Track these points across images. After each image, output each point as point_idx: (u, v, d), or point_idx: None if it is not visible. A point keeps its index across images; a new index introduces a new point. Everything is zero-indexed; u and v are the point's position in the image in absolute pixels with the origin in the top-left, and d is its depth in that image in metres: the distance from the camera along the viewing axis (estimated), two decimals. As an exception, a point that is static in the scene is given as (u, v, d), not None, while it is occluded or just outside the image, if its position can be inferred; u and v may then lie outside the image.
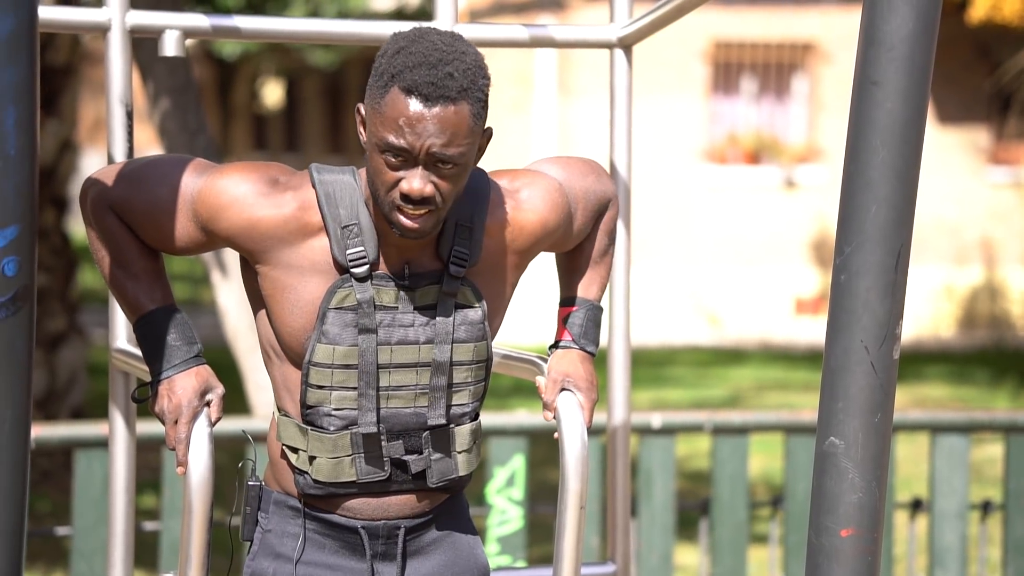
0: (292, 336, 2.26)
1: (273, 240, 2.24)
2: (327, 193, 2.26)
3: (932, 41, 2.03)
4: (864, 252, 2.06)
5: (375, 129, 2.18)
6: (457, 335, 2.30)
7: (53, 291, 7.65)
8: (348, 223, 2.25)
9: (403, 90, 2.15)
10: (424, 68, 2.15)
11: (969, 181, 15.28)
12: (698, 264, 14.95)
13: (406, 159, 2.17)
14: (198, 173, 2.29)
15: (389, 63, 2.18)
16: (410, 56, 2.17)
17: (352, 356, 2.25)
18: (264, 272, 2.27)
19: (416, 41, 2.19)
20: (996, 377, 12.60)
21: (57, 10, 2.70)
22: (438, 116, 2.14)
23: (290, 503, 2.34)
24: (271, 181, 2.26)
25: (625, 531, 3.02)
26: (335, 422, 2.28)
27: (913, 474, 7.27)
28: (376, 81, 2.19)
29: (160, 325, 2.27)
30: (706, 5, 15.17)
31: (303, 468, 2.30)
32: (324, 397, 2.27)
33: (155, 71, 4.77)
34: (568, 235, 2.44)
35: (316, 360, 2.25)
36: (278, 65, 21.39)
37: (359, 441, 2.28)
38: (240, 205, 2.24)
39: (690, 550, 6.00)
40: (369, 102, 2.20)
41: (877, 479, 2.05)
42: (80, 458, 4.15)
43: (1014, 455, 4.51)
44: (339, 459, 2.29)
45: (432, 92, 2.15)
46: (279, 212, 2.24)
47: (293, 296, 2.25)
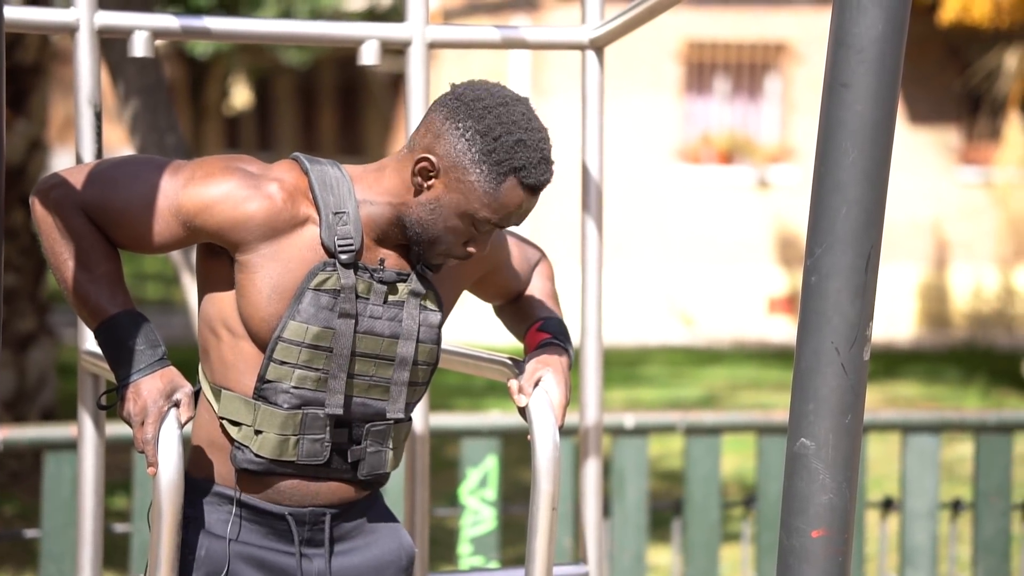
0: (264, 318, 2.28)
1: (264, 230, 2.27)
2: (321, 180, 2.31)
3: (901, 43, 2.04)
4: (834, 254, 2.07)
5: (476, 204, 2.26)
6: (420, 335, 2.37)
7: (23, 291, 7.61)
8: (339, 210, 2.29)
9: (526, 187, 2.27)
10: (543, 165, 2.28)
11: (940, 181, 15.35)
12: (672, 263, 14.98)
13: (489, 231, 2.32)
14: (175, 169, 2.30)
15: (511, 153, 2.25)
16: (530, 151, 2.26)
17: (324, 337, 2.29)
18: (245, 260, 2.28)
19: (528, 131, 2.27)
20: (967, 376, 12.66)
21: (25, 10, 2.68)
22: (538, 199, 2.29)
23: (215, 489, 2.36)
24: (249, 173, 2.29)
25: (597, 532, 3.02)
26: (291, 400, 2.31)
27: (885, 473, 7.29)
28: (490, 165, 2.25)
29: (123, 330, 2.26)
30: (679, 6, 15.18)
31: (245, 442, 2.32)
32: (285, 374, 2.29)
33: (125, 71, 4.75)
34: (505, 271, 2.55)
35: (286, 336, 2.28)
36: (250, 64, 21.32)
37: (308, 422, 2.32)
38: (231, 200, 2.26)
39: (663, 550, 6.01)
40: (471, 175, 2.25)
41: (848, 480, 2.06)
42: (49, 460, 4.12)
43: (984, 454, 4.53)
44: (286, 437, 2.31)
45: (543, 185, 2.29)
46: (272, 203, 2.27)
47: (274, 281, 2.28)
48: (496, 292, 2.59)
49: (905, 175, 15.18)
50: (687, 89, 15.19)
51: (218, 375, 2.35)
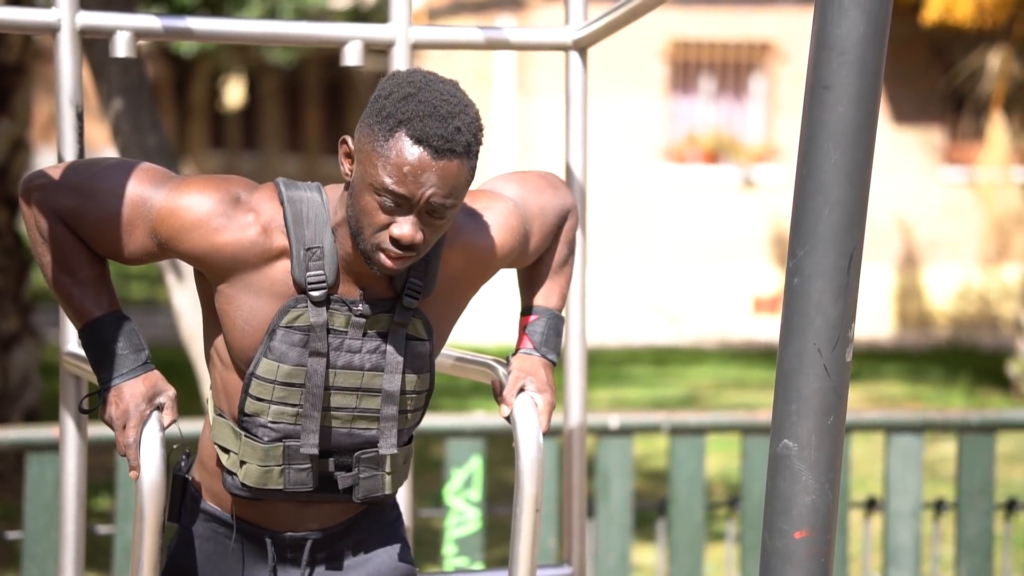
0: (241, 350, 2.27)
1: (234, 262, 2.23)
2: (295, 212, 2.24)
3: (883, 45, 2.04)
4: (817, 255, 2.07)
5: (373, 170, 2.16)
6: (406, 366, 2.32)
7: (6, 292, 7.58)
8: (312, 245, 2.24)
9: (412, 138, 2.15)
10: (435, 120, 2.15)
11: (923, 180, 15.38)
12: (657, 263, 14.99)
13: (400, 206, 2.17)
14: (154, 186, 2.24)
15: (396, 107, 2.16)
16: (420, 104, 2.16)
17: (296, 375, 2.26)
18: (220, 289, 2.26)
19: (423, 89, 2.18)
20: (951, 376, 12.69)
21: (6, 10, 2.67)
22: (443, 169, 2.15)
23: (210, 510, 2.38)
24: (233, 200, 2.24)
25: (581, 533, 3.02)
26: (270, 433, 2.29)
27: (868, 473, 7.31)
28: (379, 122, 2.17)
29: (107, 332, 2.24)
30: (664, 5, 15.20)
31: (233, 470, 2.32)
32: (262, 409, 2.28)
33: (108, 71, 4.73)
34: (524, 254, 2.45)
35: (259, 373, 2.25)
36: (236, 63, 21.30)
37: (291, 453, 2.30)
38: (203, 228, 2.21)
39: (648, 550, 6.01)
40: (367, 141, 2.18)
41: (830, 481, 2.06)
42: (32, 461, 4.11)
43: (966, 454, 4.54)
44: (269, 468, 2.30)
45: (442, 145, 2.15)
46: (243, 235, 2.22)
47: (246, 314, 2.25)
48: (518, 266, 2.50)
49: (889, 175, 15.21)
50: (672, 88, 15.21)
51: (215, 397, 2.35)
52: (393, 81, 2.21)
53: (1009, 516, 4.67)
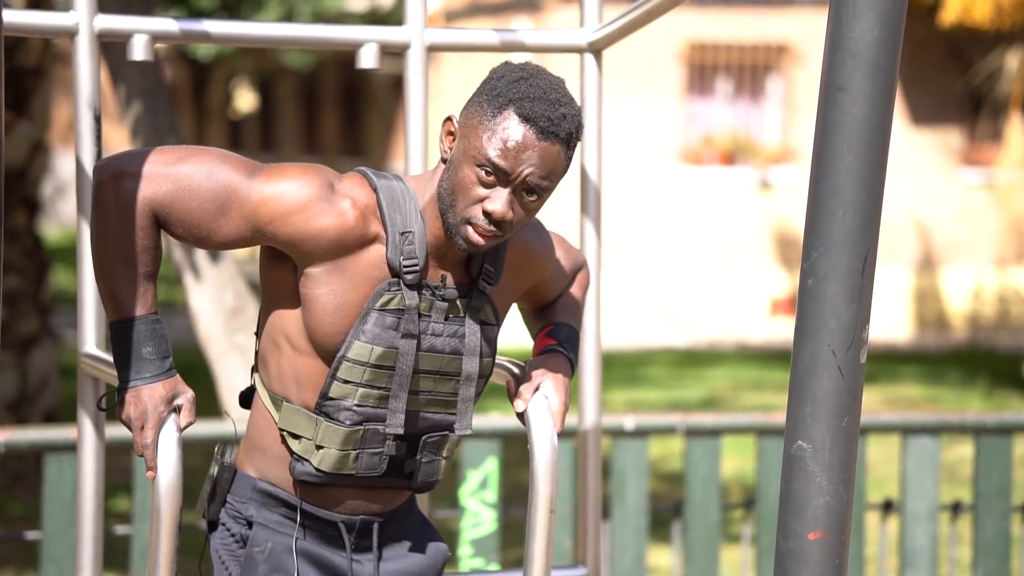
0: (327, 335, 2.29)
1: (333, 246, 2.27)
2: (390, 199, 2.31)
3: (897, 47, 2.04)
4: (831, 257, 2.07)
5: (477, 143, 2.25)
6: (482, 350, 2.39)
7: (25, 293, 7.62)
8: (405, 229, 2.30)
9: (520, 116, 2.25)
10: (544, 103, 2.26)
11: (941, 182, 15.35)
12: (674, 265, 14.98)
13: (498, 180, 2.25)
14: (248, 173, 2.27)
15: (508, 88, 2.27)
16: (531, 87, 2.27)
17: (388, 357, 2.31)
18: (310, 273, 2.29)
19: (535, 76, 2.30)
20: (969, 377, 12.66)
21: (24, 14, 2.69)
22: (545, 149, 2.25)
23: (274, 492, 2.38)
24: (328, 186, 2.29)
25: (596, 534, 3.03)
26: (353, 417, 2.32)
27: (886, 475, 7.30)
28: (489, 100, 2.27)
29: (139, 334, 2.25)
30: (680, 7, 15.20)
31: (305, 456, 2.34)
32: (349, 392, 2.31)
33: (126, 74, 4.76)
34: (551, 283, 2.56)
35: (351, 356, 2.29)
36: (253, 66, 21.35)
37: (369, 437, 2.34)
38: (305, 213, 2.25)
39: (664, 551, 6.01)
40: (474, 116, 2.27)
41: (844, 482, 2.06)
42: (50, 462, 4.13)
43: (983, 456, 4.53)
44: (347, 452, 2.34)
45: (547, 126, 2.25)
46: (343, 220, 2.27)
47: (338, 298, 2.29)
48: (535, 301, 2.59)
49: (906, 177, 15.18)
50: (689, 90, 15.20)
51: (277, 385, 2.36)
52: (506, 67, 2.31)
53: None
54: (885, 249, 15.35)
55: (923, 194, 15.25)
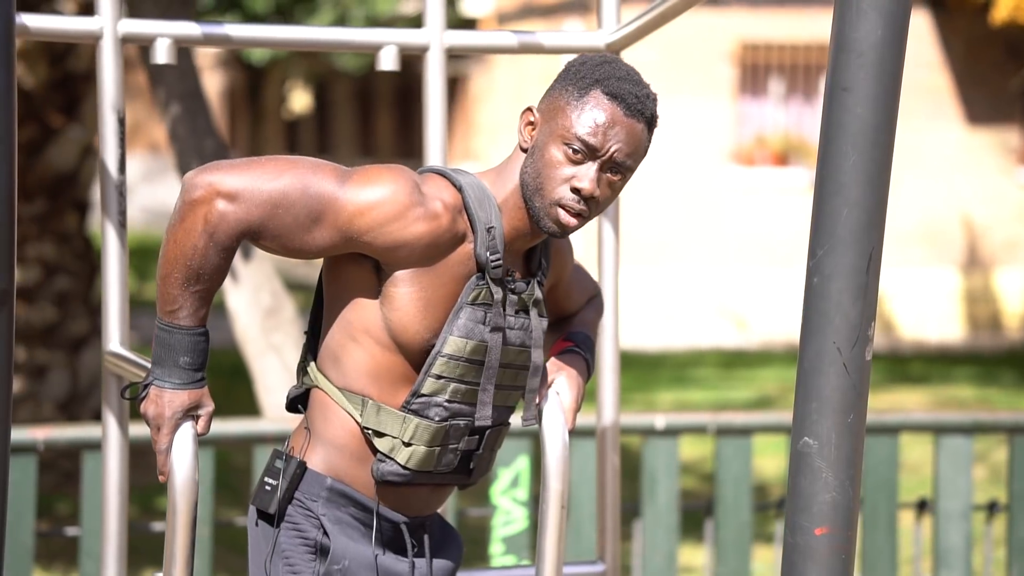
0: (416, 331, 2.31)
1: (429, 249, 2.30)
2: (476, 197, 2.35)
3: (902, 47, 2.06)
4: (836, 255, 2.10)
5: (564, 122, 2.30)
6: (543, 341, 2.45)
7: (76, 294, 7.74)
8: (490, 225, 2.34)
9: (608, 94, 2.31)
10: (629, 82, 2.33)
11: (999, 182, 15.21)
12: (726, 265, 14.94)
13: (587, 156, 2.30)
14: (338, 182, 2.26)
15: (593, 70, 2.33)
16: (614, 68, 2.34)
17: (479, 351, 2.34)
18: (401, 275, 2.30)
19: (615, 61, 2.37)
20: (1023, 379, 12.55)
21: (50, 19, 2.75)
22: (631, 127, 2.31)
23: (349, 493, 2.38)
24: (418, 190, 2.30)
25: (615, 531, 3.06)
26: (442, 413, 2.35)
27: (929, 476, 7.25)
28: (574, 82, 2.32)
29: (182, 343, 2.26)
30: (732, 7, 15.17)
31: (392, 454, 2.35)
32: (442, 388, 2.34)
33: (165, 77, 4.83)
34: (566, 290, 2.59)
35: (446, 351, 2.32)
36: (307, 70, 21.50)
37: (453, 433, 2.37)
38: (403, 220, 2.27)
39: (698, 551, 6.02)
40: (559, 99, 2.33)
41: (851, 478, 2.08)
42: (88, 460, 4.21)
43: (1018, 456, 4.51)
44: (433, 449, 2.37)
45: (634, 103, 2.32)
46: (438, 224, 2.30)
47: (427, 295, 2.31)
48: (552, 310, 2.61)
49: (963, 176, 15.06)
50: (741, 91, 15.16)
51: (356, 382, 2.36)
52: (587, 57, 2.38)
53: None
54: (941, 249, 15.23)
55: (980, 194, 15.12)
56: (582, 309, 2.65)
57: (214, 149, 4.83)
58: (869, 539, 4.52)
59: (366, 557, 2.37)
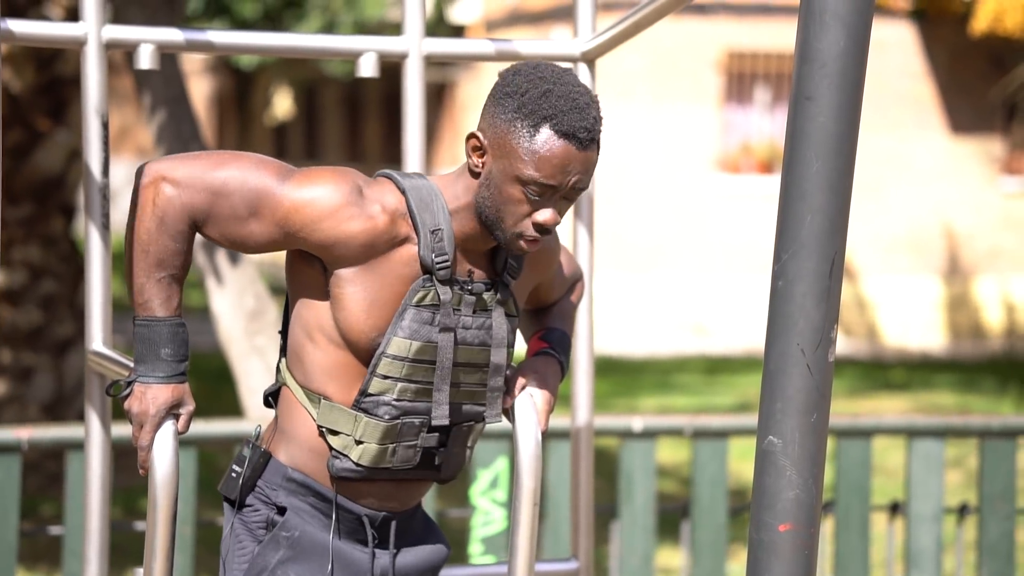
0: (364, 332, 2.37)
1: (365, 249, 2.35)
2: (418, 199, 2.39)
3: (863, 58, 2.12)
4: (800, 259, 2.13)
5: (518, 164, 2.31)
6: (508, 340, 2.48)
7: (62, 297, 7.78)
8: (435, 228, 2.38)
9: (559, 133, 2.30)
10: (576, 113, 2.31)
11: (983, 190, 15.31)
12: (711, 272, 15.01)
13: (546, 195, 2.33)
14: (280, 179, 2.34)
15: (538, 104, 2.30)
16: (560, 99, 2.31)
17: (425, 352, 2.39)
18: (343, 274, 2.36)
19: (557, 83, 2.33)
20: (1003, 386, 12.63)
21: (35, 24, 2.79)
22: (586, 158, 2.32)
23: (308, 483, 2.44)
24: (358, 191, 2.36)
25: (588, 529, 3.12)
26: (392, 411, 2.40)
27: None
28: (521, 118, 2.31)
29: (161, 334, 2.33)
30: (719, 16, 15.24)
31: (344, 451, 2.41)
32: (388, 387, 2.39)
33: (151, 82, 4.88)
34: (551, 285, 2.64)
35: (390, 352, 2.37)
36: (294, 75, 21.53)
37: (405, 430, 2.42)
38: (335, 219, 2.33)
39: (674, 552, 6.09)
40: (509, 136, 2.32)
41: (814, 476, 2.12)
42: (72, 459, 4.25)
43: (988, 459, 4.58)
44: (385, 446, 2.42)
45: (586, 137, 2.31)
46: (374, 224, 2.35)
47: (372, 296, 2.36)
48: (536, 300, 2.66)
49: (947, 185, 15.15)
50: (727, 99, 15.24)
51: (314, 381, 2.43)
52: (523, 77, 2.34)
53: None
54: (925, 258, 15.32)
55: (963, 203, 15.21)
56: (562, 297, 2.69)
57: (199, 154, 4.88)
58: (842, 541, 4.58)
59: (321, 539, 2.44)
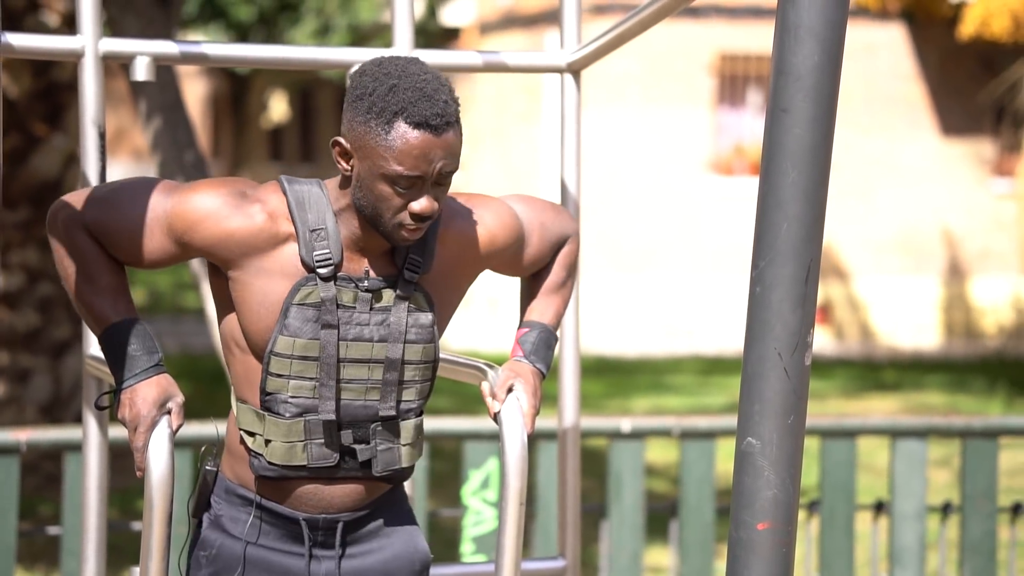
0: (258, 332, 2.44)
1: (246, 248, 2.42)
2: (298, 200, 2.45)
3: (837, 71, 2.18)
4: (776, 266, 2.18)
5: (380, 162, 2.35)
6: (408, 336, 2.49)
7: (59, 300, 7.85)
8: (316, 227, 2.43)
9: (411, 125, 2.34)
10: (425, 101, 2.34)
11: (974, 192, 15.39)
12: (704, 273, 15.09)
13: (415, 185, 2.37)
14: (167, 192, 2.46)
15: (387, 100, 2.35)
16: (407, 92, 2.34)
17: (311, 348, 2.44)
18: (235, 276, 2.45)
19: (403, 76, 2.37)
20: (993, 386, 12.70)
21: (32, 37, 2.85)
22: (446, 142, 2.35)
23: (240, 492, 2.52)
24: (239, 194, 2.44)
25: (576, 528, 3.19)
26: (291, 409, 2.46)
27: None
28: (373, 117, 2.35)
29: (123, 335, 2.43)
30: (712, 19, 15.31)
31: (259, 451, 2.48)
32: (282, 385, 2.45)
33: (147, 90, 4.95)
34: (519, 258, 2.64)
35: (277, 350, 2.43)
36: (290, 78, 21.59)
37: (312, 428, 2.47)
38: (215, 218, 2.41)
39: (663, 551, 6.16)
40: (367, 137, 2.36)
41: (791, 476, 2.18)
42: (70, 460, 4.32)
43: (970, 458, 4.66)
44: (292, 443, 2.47)
45: (438, 122, 2.34)
46: (252, 222, 2.42)
47: (260, 297, 2.43)
48: (514, 273, 2.68)
49: (938, 187, 15.23)
50: (720, 101, 15.32)
51: (238, 389, 2.51)
52: (369, 77, 2.39)
53: (1015, 520, 4.78)
54: (918, 259, 15.40)
55: (955, 204, 15.30)
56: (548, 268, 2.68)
57: (194, 161, 4.96)
58: (828, 539, 4.66)
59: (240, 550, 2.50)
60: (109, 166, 9.31)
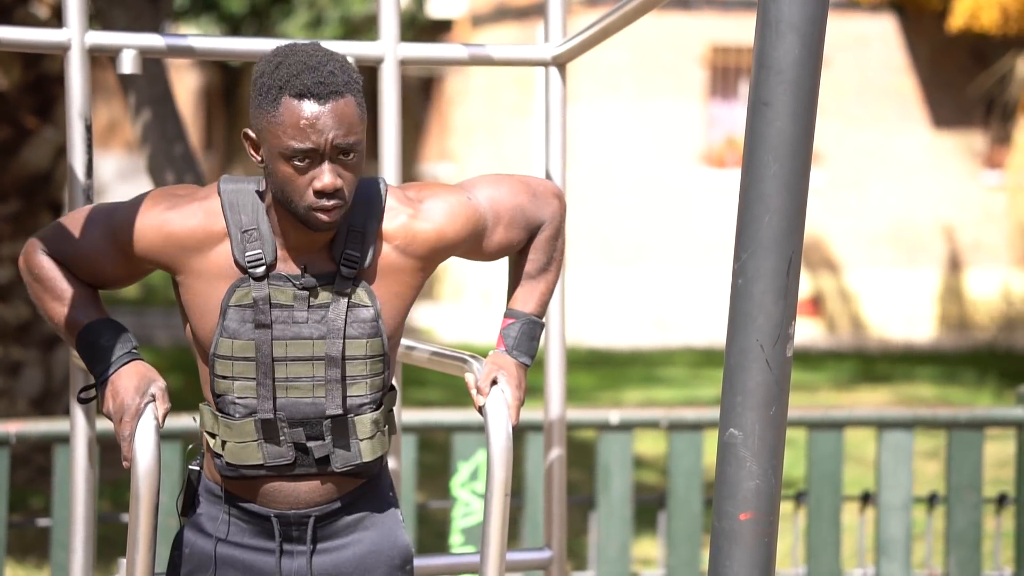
0: (203, 335, 2.47)
1: (186, 250, 2.45)
2: (231, 201, 2.46)
3: (817, 65, 2.20)
4: (758, 258, 2.20)
5: (275, 141, 2.37)
6: (349, 332, 2.48)
7: (50, 293, 7.84)
8: (248, 228, 2.45)
9: (295, 96, 2.35)
10: (308, 72, 2.36)
11: (965, 184, 15.42)
12: (696, 266, 15.11)
13: (312, 159, 2.37)
14: (110, 211, 2.51)
15: (272, 78, 2.37)
16: (291, 67, 2.37)
17: (249, 349, 2.45)
18: (181, 281, 2.48)
19: (289, 54, 2.40)
20: (983, 378, 12.74)
21: (18, 30, 2.87)
22: (333, 110, 2.35)
23: (214, 490, 2.55)
24: (177, 196, 2.48)
25: (562, 519, 3.21)
26: (240, 409, 2.48)
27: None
28: (263, 99, 2.38)
29: (95, 333, 2.46)
30: (704, 11, 15.32)
31: (217, 451, 2.51)
32: (228, 387, 2.47)
33: (136, 83, 4.96)
34: (479, 246, 2.60)
35: (219, 352, 2.46)
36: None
37: (261, 427, 2.48)
38: (154, 223, 2.45)
39: (651, 542, 6.19)
40: (260, 120, 2.39)
41: (773, 467, 2.20)
42: (59, 453, 4.34)
43: (956, 449, 4.68)
44: (245, 443, 2.49)
45: (322, 90, 2.35)
46: (187, 223, 2.45)
47: (203, 299, 2.46)
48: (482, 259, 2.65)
49: (930, 179, 15.26)
50: (711, 93, 15.33)
51: (204, 392, 2.55)
52: (263, 63, 2.43)
53: (1000, 510, 4.81)
54: (911, 252, 15.43)
55: (946, 196, 15.32)
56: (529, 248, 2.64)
57: (183, 153, 4.97)
58: (814, 530, 4.68)
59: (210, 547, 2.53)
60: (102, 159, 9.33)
